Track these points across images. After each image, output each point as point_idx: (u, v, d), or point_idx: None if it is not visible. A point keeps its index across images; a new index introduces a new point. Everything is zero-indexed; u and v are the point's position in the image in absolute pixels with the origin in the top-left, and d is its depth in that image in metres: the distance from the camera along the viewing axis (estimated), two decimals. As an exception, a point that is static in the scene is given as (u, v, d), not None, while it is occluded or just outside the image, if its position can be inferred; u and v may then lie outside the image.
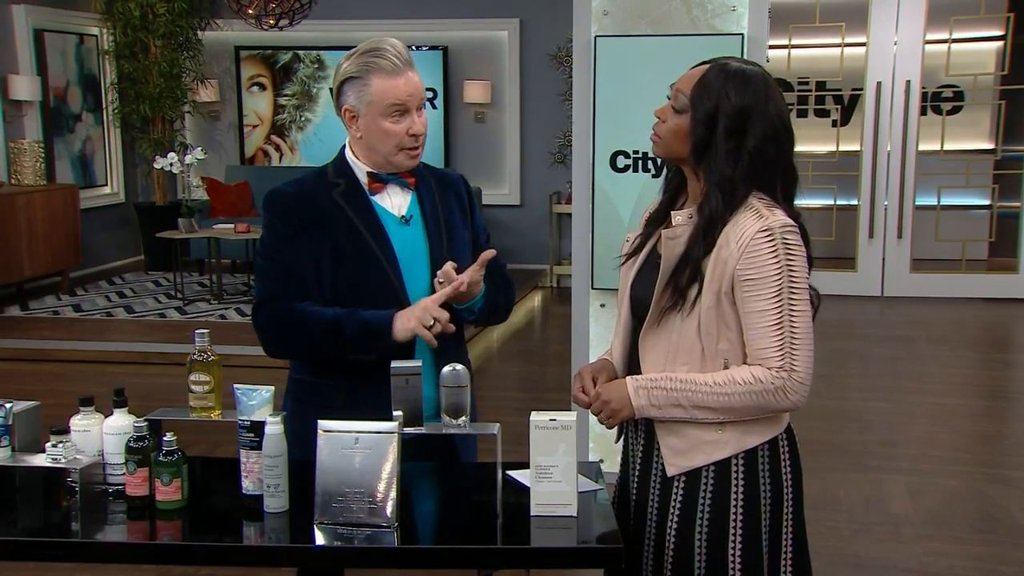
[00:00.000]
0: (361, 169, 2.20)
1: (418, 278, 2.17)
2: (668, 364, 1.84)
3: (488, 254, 2.14)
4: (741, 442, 1.83)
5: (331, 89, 2.20)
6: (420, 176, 2.24)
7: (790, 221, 1.78)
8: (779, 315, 1.76)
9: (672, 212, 1.88)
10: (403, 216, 2.19)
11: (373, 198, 2.19)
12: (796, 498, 1.88)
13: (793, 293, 1.76)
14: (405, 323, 2.07)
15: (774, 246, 1.75)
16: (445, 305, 2.10)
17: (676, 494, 1.86)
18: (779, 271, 1.75)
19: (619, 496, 2.03)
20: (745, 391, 1.77)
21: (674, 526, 1.86)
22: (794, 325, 1.76)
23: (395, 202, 2.20)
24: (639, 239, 1.97)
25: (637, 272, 1.94)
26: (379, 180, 2.19)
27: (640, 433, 1.95)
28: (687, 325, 1.81)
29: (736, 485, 1.83)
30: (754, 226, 1.76)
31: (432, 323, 2.06)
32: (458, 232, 2.24)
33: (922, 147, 7.90)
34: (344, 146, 2.24)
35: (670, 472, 1.86)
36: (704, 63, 1.85)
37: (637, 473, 1.96)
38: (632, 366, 1.93)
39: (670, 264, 1.83)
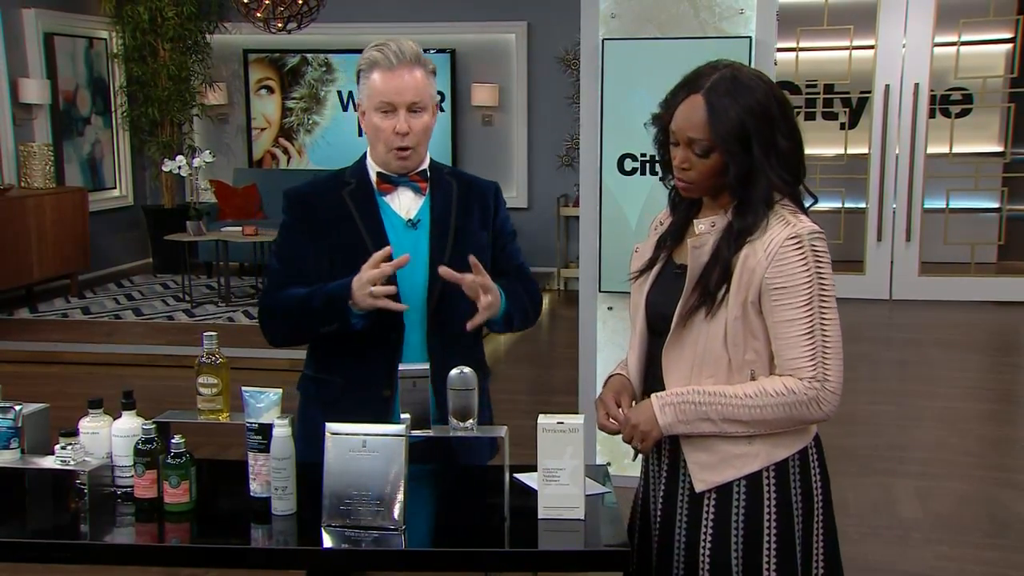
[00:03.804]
0: (374, 169, 2.21)
1: (416, 283, 2.16)
2: (694, 377, 1.80)
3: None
4: (771, 455, 1.79)
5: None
6: (440, 181, 2.23)
7: (817, 227, 1.75)
8: (810, 324, 1.72)
9: (695, 220, 1.84)
10: (410, 220, 2.19)
11: (384, 199, 2.19)
12: (826, 504, 1.85)
13: (824, 301, 1.72)
14: (360, 299, 2.04)
15: (803, 253, 1.72)
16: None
17: (708, 511, 1.81)
18: (809, 279, 1.71)
19: (641, 516, 1.99)
20: (778, 403, 1.73)
21: (708, 544, 1.81)
22: (826, 334, 1.72)
23: (404, 204, 2.20)
24: (648, 260, 1.92)
25: (652, 285, 1.90)
26: (388, 181, 2.20)
27: (664, 450, 1.90)
28: (713, 334, 1.77)
29: (768, 498, 1.79)
30: (782, 233, 1.73)
31: (364, 290, 2.02)
32: (471, 240, 2.21)
33: (931, 150, 7.88)
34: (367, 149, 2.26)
35: (699, 488, 1.82)
36: (683, 93, 1.77)
37: (662, 491, 1.90)
38: (649, 380, 1.89)
39: (697, 269, 1.78)
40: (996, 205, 8.14)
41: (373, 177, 2.21)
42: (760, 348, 1.77)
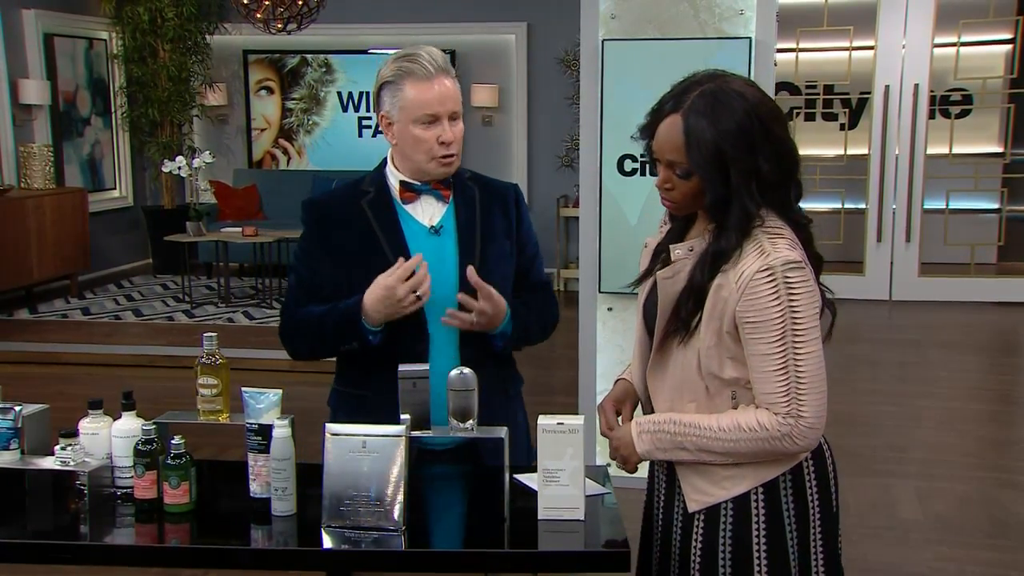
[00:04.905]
0: (396, 177, 2.18)
1: (444, 289, 2.13)
2: (675, 401, 1.79)
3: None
4: (759, 475, 1.76)
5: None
6: (461, 186, 2.22)
7: (793, 256, 1.67)
8: (783, 359, 1.66)
9: (671, 246, 1.80)
10: (433, 226, 2.17)
11: (405, 207, 2.17)
12: (824, 519, 1.81)
13: (797, 335, 1.66)
14: (375, 308, 2.05)
15: (775, 286, 1.65)
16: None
17: (697, 531, 1.80)
18: (781, 313, 1.65)
19: (644, 531, 1.98)
20: (750, 438, 1.70)
21: (697, 563, 1.79)
22: (799, 369, 1.66)
23: (427, 212, 2.18)
24: (646, 270, 1.89)
25: (648, 295, 1.87)
26: (411, 190, 2.17)
27: (663, 467, 1.90)
28: (687, 361, 1.75)
29: (757, 518, 1.76)
30: (754, 265, 1.66)
31: (406, 299, 2.03)
32: (497, 244, 2.20)
33: (930, 150, 7.88)
34: (386, 156, 2.24)
35: (691, 508, 1.80)
36: (666, 109, 1.72)
37: (661, 508, 1.90)
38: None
39: (668, 303, 1.76)
40: (996, 206, 8.13)
41: (395, 185, 2.18)
42: (741, 370, 1.73)
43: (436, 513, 2.06)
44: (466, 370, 1.91)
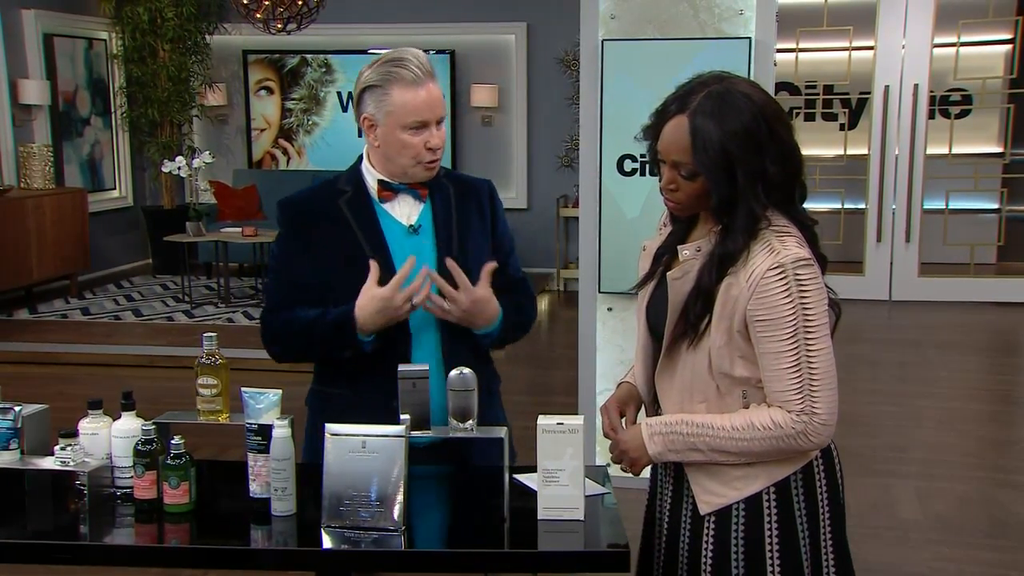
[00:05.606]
0: (374, 176, 2.18)
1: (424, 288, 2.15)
2: (685, 403, 1.79)
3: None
4: (772, 474, 1.76)
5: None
6: (437, 185, 2.21)
7: (803, 254, 1.68)
8: (796, 356, 1.67)
9: (679, 247, 1.80)
10: (411, 225, 2.18)
11: (383, 207, 2.18)
12: (834, 518, 1.82)
13: (809, 332, 1.67)
14: (371, 319, 2.06)
15: (786, 284, 1.65)
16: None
17: (708, 533, 1.79)
18: (793, 310, 1.66)
19: (645, 534, 1.98)
20: (764, 436, 1.70)
21: (708, 565, 1.79)
22: (812, 366, 1.67)
23: (405, 211, 2.19)
24: (647, 272, 1.89)
25: (650, 298, 1.87)
26: (389, 188, 2.17)
27: (669, 469, 1.89)
28: (698, 362, 1.75)
29: (769, 517, 1.76)
30: (764, 263, 1.66)
31: (403, 307, 2.05)
32: (474, 242, 2.20)
33: (930, 151, 7.88)
34: (362, 154, 2.23)
35: (703, 510, 1.80)
36: (671, 110, 1.71)
37: (667, 511, 1.90)
38: (655, 389, 1.88)
39: (678, 303, 1.76)
40: (995, 206, 8.14)
41: (372, 184, 2.18)
42: (752, 368, 1.73)
43: (436, 513, 2.06)
44: (466, 370, 1.91)
